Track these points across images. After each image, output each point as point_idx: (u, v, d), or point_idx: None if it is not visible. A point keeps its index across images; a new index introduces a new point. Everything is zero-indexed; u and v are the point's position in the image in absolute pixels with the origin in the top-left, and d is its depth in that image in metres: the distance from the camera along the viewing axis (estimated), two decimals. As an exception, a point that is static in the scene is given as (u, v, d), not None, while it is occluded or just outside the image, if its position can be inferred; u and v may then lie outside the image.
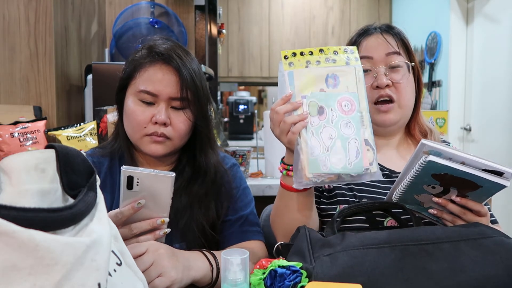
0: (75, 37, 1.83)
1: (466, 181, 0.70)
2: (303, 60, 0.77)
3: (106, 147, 0.94)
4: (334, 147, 0.74)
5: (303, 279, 0.61)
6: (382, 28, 0.96)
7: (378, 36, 0.94)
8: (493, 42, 2.96)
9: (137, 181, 0.69)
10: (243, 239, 0.92)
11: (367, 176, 0.76)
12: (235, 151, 1.69)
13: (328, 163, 0.73)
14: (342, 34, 4.18)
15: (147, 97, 0.84)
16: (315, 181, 0.73)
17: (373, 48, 0.93)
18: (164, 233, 0.74)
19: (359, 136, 0.75)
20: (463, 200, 0.74)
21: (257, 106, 5.03)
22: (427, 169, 0.70)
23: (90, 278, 0.36)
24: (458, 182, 0.71)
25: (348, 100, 0.76)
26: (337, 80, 0.77)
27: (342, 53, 0.78)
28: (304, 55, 0.77)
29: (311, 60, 0.77)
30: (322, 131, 0.74)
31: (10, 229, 0.32)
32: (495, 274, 0.61)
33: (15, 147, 1.42)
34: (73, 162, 0.43)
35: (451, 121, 1.70)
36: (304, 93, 0.75)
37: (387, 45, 0.93)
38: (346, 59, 0.78)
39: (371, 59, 0.93)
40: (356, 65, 0.78)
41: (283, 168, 0.83)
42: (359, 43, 0.95)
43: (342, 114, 0.75)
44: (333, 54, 0.78)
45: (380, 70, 0.91)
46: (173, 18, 1.99)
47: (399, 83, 0.91)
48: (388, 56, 0.92)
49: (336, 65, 0.77)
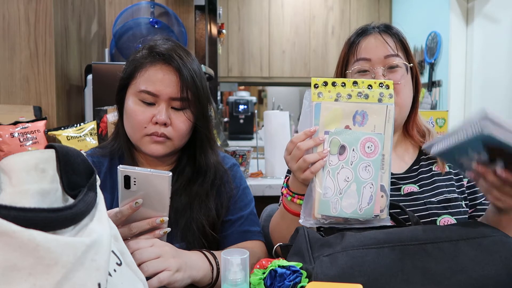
0: (75, 37, 1.83)
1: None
2: (333, 92, 0.74)
3: (106, 147, 0.94)
4: (348, 191, 0.72)
5: (303, 279, 0.61)
6: (381, 28, 0.95)
7: (377, 37, 0.93)
8: (493, 42, 2.96)
9: (134, 180, 0.69)
10: (243, 239, 0.92)
11: (376, 221, 0.74)
12: (235, 151, 1.69)
13: (339, 206, 0.72)
14: (342, 34, 4.18)
15: (147, 97, 0.84)
16: (322, 221, 0.73)
17: (372, 49, 0.92)
18: (164, 232, 0.74)
19: (376, 181, 0.73)
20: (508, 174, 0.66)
21: (257, 106, 5.04)
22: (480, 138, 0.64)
23: (90, 278, 0.36)
24: (508, 157, 0.66)
25: (372, 142, 0.73)
26: (365, 118, 0.74)
27: (377, 88, 0.75)
28: (336, 86, 0.74)
29: (342, 92, 0.74)
30: (339, 172, 0.72)
31: (10, 229, 0.32)
32: (495, 273, 0.61)
33: (15, 147, 1.42)
34: (73, 162, 0.43)
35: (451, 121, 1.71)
36: (328, 128, 0.72)
37: (385, 46, 0.92)
38: (380, 95, 0.74)
39: (369, 61, 0.92)
40: (389, 103, 0.74)
41: (288, 194, 0.82)
42: (357, 44, 0.94)
43: (364, 156, 0.73)
44: (366, 89, 0.74)
45: (378, 71, 0.91)
46: (173, 18, 1.99)
47: (398, 84, 0.91)
48: (386, 58, 0.92)
49: (367, 101, 0.74)
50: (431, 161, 0.95)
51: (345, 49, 0.97)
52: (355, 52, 0.93)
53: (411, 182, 0.93)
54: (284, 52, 4.15)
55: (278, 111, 1.76)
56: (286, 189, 0.84)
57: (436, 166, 0.95)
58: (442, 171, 0.94)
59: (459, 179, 0.95)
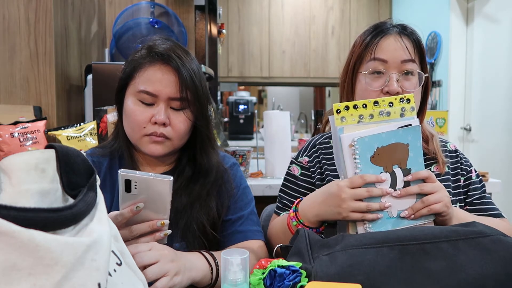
0: (75, 37, 1.83)
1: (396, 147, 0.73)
2: (356, 114, 0.74)
3: (106, 147, 0.94)
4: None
5: (303, 279, 0.61)
6: (399, 29, 0.92)
7: (397, 39, 0.90)
8: (493, 42, 2.96)
9: (135, 184, 0.69)
10: (243, 238, 0.92)
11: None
12: (235, 151, 1.69)
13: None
14: (342, 34, 4.18)
15: (146, 98, 0.84)
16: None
17: (390, 51, 0.90)
18: (165, 234, 0.74)
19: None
20: (413, 174, 0.74)
21: (257, 106, 5.03)
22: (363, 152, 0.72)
23: (90, 278, 0.36)
24: (391, 152, 0.73)
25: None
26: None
27: (398, 104, 0.76)
28: (357, 108, 0.74)
29: (364, 114, 0.74)
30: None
31: (10, 229, 0.32)
32: (493, 272, 0.61)
33: (15, 147, 1.42)
34: (73, 162, 0.43)
35: (451, 121, 1.70)
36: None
37: (404, 50, 0.90)
38: (401, 110, 0.76)
39: (385, 63, 0.90)
40: (410, 117, 0.76)
41: (295, 219, 0.83)
42: (376, 43, 0.91)
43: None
44: (388, 107, 0.75)
45: (393, 76, 0.89)
46: (173, 18, 1.99)
47: (409, 92, 0.90)
48: (403, 63, 0.90)
49: (390, 118, 0.75)
50: (430, 161, 0.95)
51: (361, 47, 0.93)
52: (372, 50, 0.91)
53: None
54: (284, 52, 4.15)
55: (278, 111, 1.76)
56: (294, 213, 0.84)
57: (435, 166, 0.95)
58: (442, 172, 0.94)
59: (456, 180, 0.95)
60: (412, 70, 0.90)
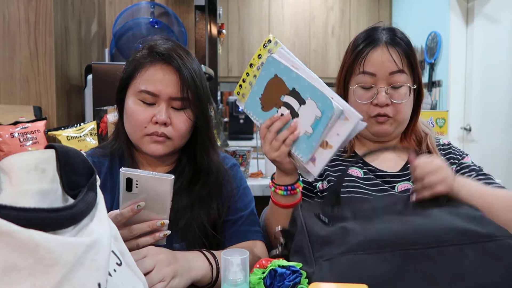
0: (75, 37, 1.83)
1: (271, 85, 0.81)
2: (247, 84, 0.86)
3: (106, 147, 0.94)
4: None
5: (303, 279, 0.61)
6: (388, 38, 0.93)
7: (384, 51, 0.92)
8: (493, 42, 2.96)
9: (136, 183, 0.69)
10: (243, 239, 0.92)
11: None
12: (235, 151, 1.69)
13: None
14: (342, 34, 4.18)
15: (147, 97, 0.84)
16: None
17: (377, 65, 0.92)
18: (164, 235, 0.74)
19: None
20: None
21: (257, 106, 5.03)
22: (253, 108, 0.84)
23: (90, 278, 0.36)
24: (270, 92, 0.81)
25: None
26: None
27: (264, 51, 0.83)
28: (246, 81, 0.86)
29: (251, 80, 0.85)
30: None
31: (10, 229, 0.32)
32: (499, 281, 0.59)
33: (15, 147, 1.42)
34: (73, 162, 0.43)
35: (451, 121, 1.71)
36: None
37: (391, 62, 0.91)
38: (269, 52, 0.83)
39: (374, 76, 0.92)
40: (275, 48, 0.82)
41: (272, 185, 0.88)
42: (365, 55, 0.93)
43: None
44: (258, 59, 0.84)
45: (381, 90, 0.91)
46: (173, 18, 1.99)
47: (399, 104, 0.92)
48: (391, 75, 0.91)
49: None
50: None
51: (351, 57, 0.96)
52: (361, 64, 0.93)
53: (405, 180, 0.94)
54: (284, 52, 4.14)
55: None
56: (271, 181, 0.89)
57: None
58: None
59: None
60: (399, 82, 0.92)
